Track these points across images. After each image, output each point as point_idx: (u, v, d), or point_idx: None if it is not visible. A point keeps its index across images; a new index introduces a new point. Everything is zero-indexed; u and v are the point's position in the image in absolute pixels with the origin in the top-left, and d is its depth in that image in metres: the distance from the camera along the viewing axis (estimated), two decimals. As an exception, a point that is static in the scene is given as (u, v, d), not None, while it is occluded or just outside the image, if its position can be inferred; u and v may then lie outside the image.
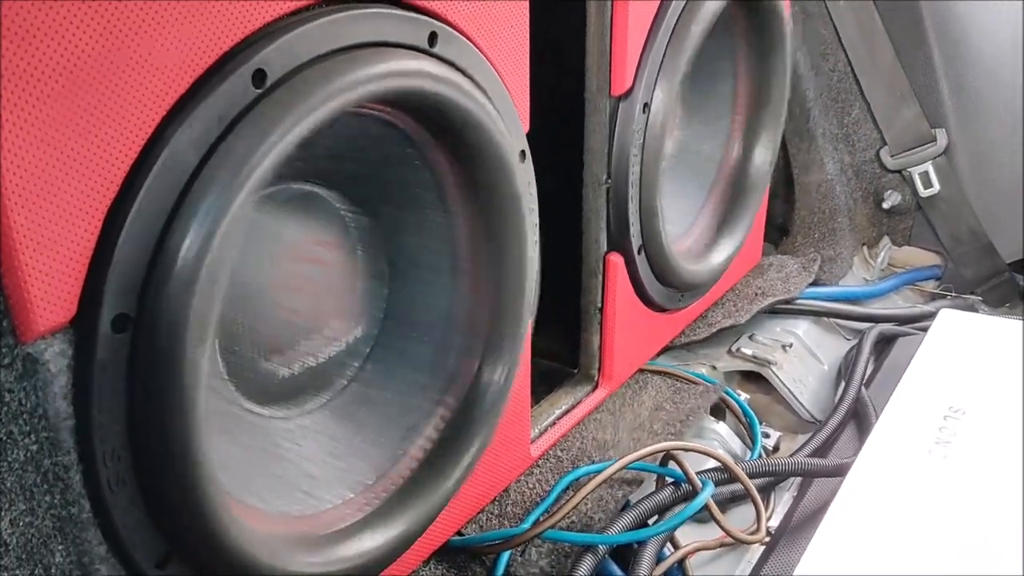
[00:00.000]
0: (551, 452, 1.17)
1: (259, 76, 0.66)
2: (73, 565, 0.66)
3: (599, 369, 1.26)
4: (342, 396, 0.92)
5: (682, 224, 1.34)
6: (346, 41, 0.72)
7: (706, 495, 1.01)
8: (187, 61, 0.63)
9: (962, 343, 1.35)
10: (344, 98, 0.70)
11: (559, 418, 1.20)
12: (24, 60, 0.54)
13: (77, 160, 0.59)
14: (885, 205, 1.73)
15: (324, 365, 0.90)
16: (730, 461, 1.11)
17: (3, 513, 0.63)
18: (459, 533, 1.04)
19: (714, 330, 1.44)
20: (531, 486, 1.11)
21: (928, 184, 1.70)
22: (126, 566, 0.68)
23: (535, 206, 0.93)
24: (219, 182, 0.64)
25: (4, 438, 0.61)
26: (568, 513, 1.03)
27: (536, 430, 1.16)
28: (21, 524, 0.64)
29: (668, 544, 1.06)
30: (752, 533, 1.08)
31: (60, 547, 0.65)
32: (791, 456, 1.20)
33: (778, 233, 1.76)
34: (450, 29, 0.82)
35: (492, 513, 1.07)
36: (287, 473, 0.83)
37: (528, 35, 0.94)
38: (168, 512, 0.68)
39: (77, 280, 0.61)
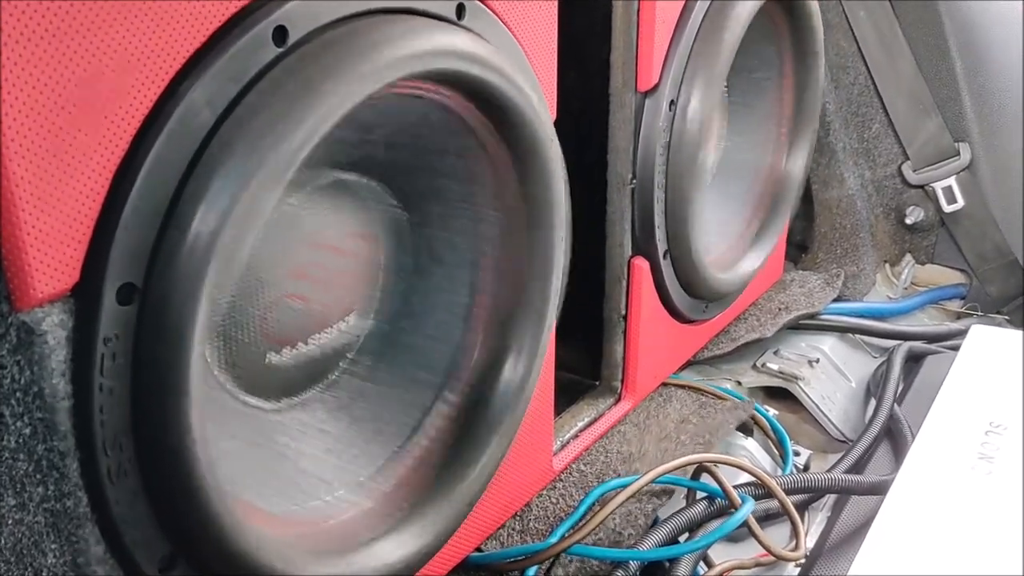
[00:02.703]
0: (574, 466, 1.11)
1: (280, 33, 0.62)
2: (67, 567, 0.60)
3: (622, 380, 1.20)
4: (351, 394, 0.86)
5: (713, 232, 1.29)
6: (373, 4, 0.68)
7: (747, 511, 0.95)
8: (205, 10, 0.58)
9: (996, 358, 1.31)
10: (387, 74, 0.65)
11: (582, 431, 1.14)
12: (28, -5, 0.50)
13: (85, 108, 0.54)
14: (908, 221, 1.68)
15: (331, 359, 0.84)
16: (765, 476, 1.05)
17: (-10, 512, 0.57)
18: (478, 549, 0.97)
19: (738, 344, 1.38)
20: (554, 500, 1.05)
21: (952, 199, 1.65)
22: (126, 568, 0.62)
23: (564, 195, 0.88)
24: (239, 144, 0.59)
25: (-6, 423, 0.55)
26: (596, 528, 0.97)
27: (558, 443, 1.10)
28: (10, 522, 0.58)
29: (701, 563, 1.00)
30: (791, 551, 1.01)
31: (53, 546, 0.59)
32: (826, 473, 1.14)
33: (796, 250, 1.71)
34: (477, 2, 0.78)
35: (513, 529, 1.01)
36: (292, 474, 0.77)
37: (556, 15, 0.89)
38: (173, 508, 0.62)
39: (81, 244, 0.55)
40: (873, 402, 1.35)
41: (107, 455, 0.58)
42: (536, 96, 0.81)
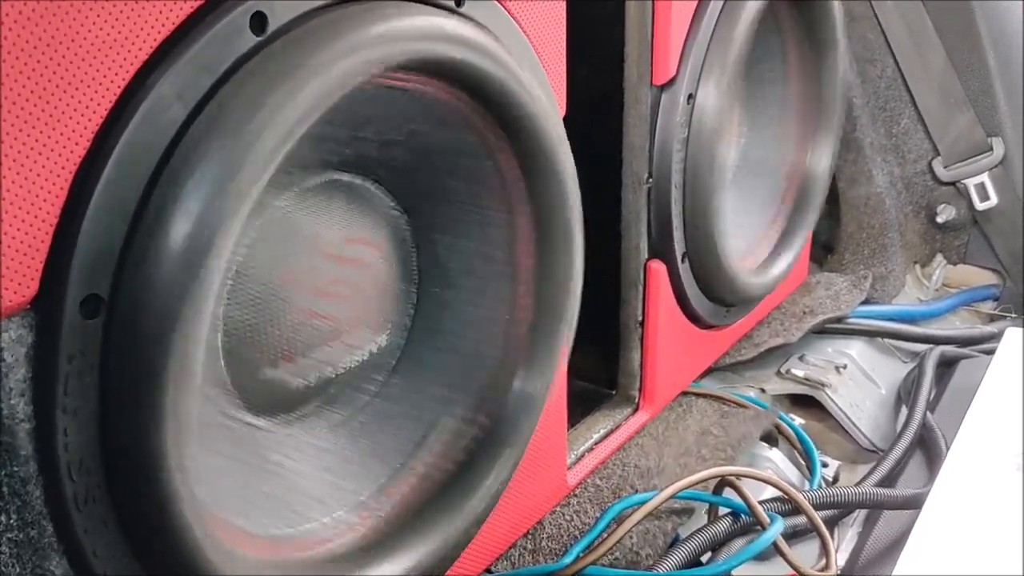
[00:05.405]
0: (589, 480, 1.06)
1: (258, 20, 0.57)
2: (33, 601, 0.55)
3: (640, 390, 1.15)
4: (362, 413, 0.81)
5: (734, 233, 1.23)
6: (363, -11, 0.63)
7: (776, 530, 0.90)
8: (174, -4, 0.54)
9: (1033, 363, 1.25)
10: (371, 55, 0.60)
11: (597, 443, 1.09)
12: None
13: (41, 105, 0.49)
14: (939, 220, 1.61)
15: (342, 377, 0.79)
16: (793, 490, 0.99)
17: (-49, 542, 0.52)
18: (488, 570, 0.92)
19: (762, 349, 1.33)
20: (568, 518, 1.00)
21: (985, 197, 1.58)
22: (97, 602, 0.57)
23: (577, 197, 0.83)
24: (214, 140, 0.54)
25: (-50, 447, 0.51)
26: (612, 548, 0.92)
27: (572, 456, 1.05)
28: (-28, 553, 0.53)
29: (725, 584, 0.94)
30: (821, 571, 0.95)
31: (18, 579, 0.54)
32: (857, 486, 1.08)
33: (822, 251, 1.65)
34: (479, -11, 0.73)
35: (525, 548, 0.96)
36: (286, 495, 0.72)
37: (566, 4, 0.84)
38: (148, 537, 0.57)
39: (40, 253, 0.51)
40: (904, 410, 1.29)
41: (73, 480, 0.54)
42: (543, 90, 0.76)
